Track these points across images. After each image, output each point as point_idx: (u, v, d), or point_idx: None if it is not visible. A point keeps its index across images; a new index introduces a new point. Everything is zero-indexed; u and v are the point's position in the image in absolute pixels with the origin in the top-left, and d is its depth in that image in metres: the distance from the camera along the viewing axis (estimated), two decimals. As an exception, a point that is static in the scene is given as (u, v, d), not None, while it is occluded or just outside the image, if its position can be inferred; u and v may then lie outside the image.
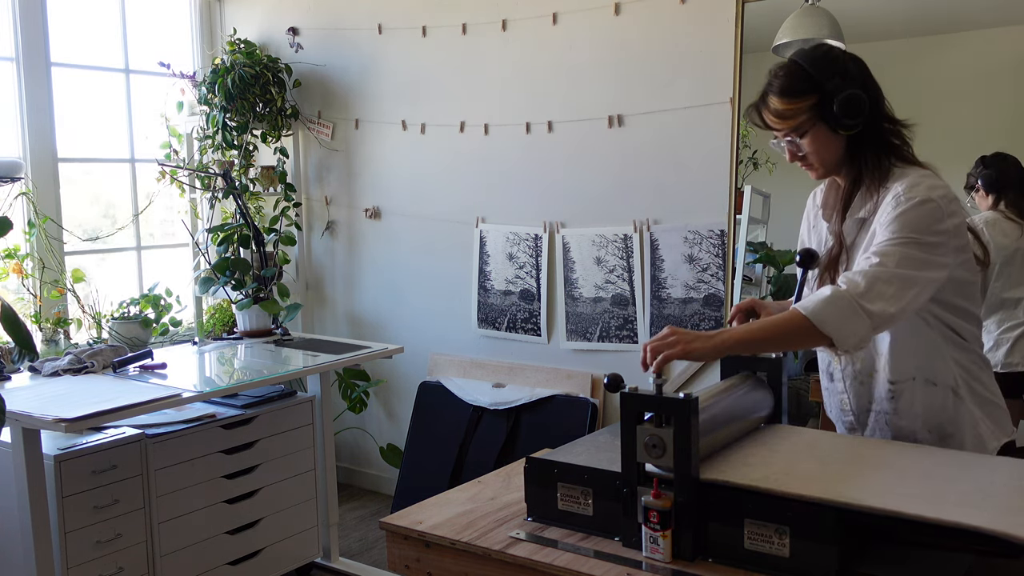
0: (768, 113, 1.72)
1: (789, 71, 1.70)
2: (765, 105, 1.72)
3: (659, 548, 1.37)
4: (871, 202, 1.68)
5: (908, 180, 1.63)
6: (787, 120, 1.69)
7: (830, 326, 1.52)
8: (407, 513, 1.64)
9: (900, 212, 1.59)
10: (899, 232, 1.57)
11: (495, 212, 3.66)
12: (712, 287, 3.15)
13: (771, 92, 1.70)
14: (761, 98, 1.74)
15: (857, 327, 1.53)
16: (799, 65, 1.69)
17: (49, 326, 3.35)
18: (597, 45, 3.30)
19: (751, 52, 2.96)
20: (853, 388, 1.79)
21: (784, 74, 1.70)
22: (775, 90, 1.70)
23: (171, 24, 4.16)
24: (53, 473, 2.43)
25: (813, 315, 1.53)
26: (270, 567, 3.07)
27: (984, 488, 1.35)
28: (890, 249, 1.57)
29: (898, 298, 1.54)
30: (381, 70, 3.89)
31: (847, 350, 1.58)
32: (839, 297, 1.53)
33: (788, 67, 1.71)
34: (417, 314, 3.94)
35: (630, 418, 1.40)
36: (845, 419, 1.83)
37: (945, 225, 1.58)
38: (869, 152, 1.69)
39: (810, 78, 1.67)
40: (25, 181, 3.38)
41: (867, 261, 1.58)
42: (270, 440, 3.04)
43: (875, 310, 1.52)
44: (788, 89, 1.68)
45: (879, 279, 1.54)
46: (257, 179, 4.09)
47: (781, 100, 1.69)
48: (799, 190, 3.19)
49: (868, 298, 1.53)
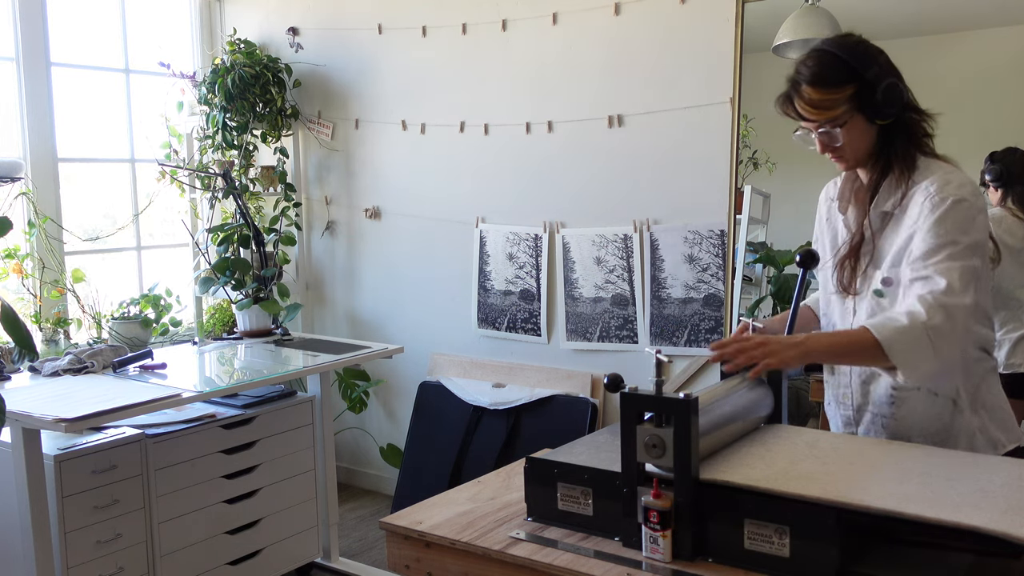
0: (803, 103, 1.64)
1: (824, 60, 1.62)
2: (798, 95, 1.64)
3: (659, 548, 1.37)
4: (896, 195, 1.66)
5: (937, 177, 1.62)
6: (825, 111, 1.62)
7: (899, 356, 1.51)
8: (407, 513, 1.63)
9: (939, 216, 1.57)
10: (944, 238, 1.56)
11: (495, 212, 3.66)
12: (712, 287, 3.14)
13: (805, 82, 1.63)
14: (793, 87, 1.66)
15: (925, 361, 1.52)
16: (833, 54, 1.62)
17: (49, 326, 3.35)
18: (597, 45, 3.30)
19: (751, 52, 2.96)
20: (857, 385, 1.77)
21: (819, 63, 1.62)
22: (810, 79, 1.62)
23: (171, 24, 4.16)
24: (53, 473, 2.43)
25: (884, 342, 1.51)
26: (270, 567, 3.07)
27: (984, 488, 1.35)
28: (947, 266, 1.54)
29: (966, 331, 1.55)
30: (381, 70, 3.89)
31: (910, 381, 1.57)
32: (913, 327, 1.51)
33: (821, 56, 1.63)
34: (417, 314, 3.94)
35: (630, 418, 1.40)
36: (844, 413, 1.82)
37: (979, 222, 1.58)
38: (899, 143, 1.66)
39: (847, 67, 1.60)
40: (25, 181, 3.39)
41: (928, 284, 1.55)
42: (270, 440, 3.04)
43: (946, 351, 1.52)
44: (826, 78, 1.61)
45: (952, 312, 1.52)
46: (257, 179, 4.09)
47: (818, 90, 1.61)
48: (799, 190, 3.20)
49: (940, 334, 1.51)
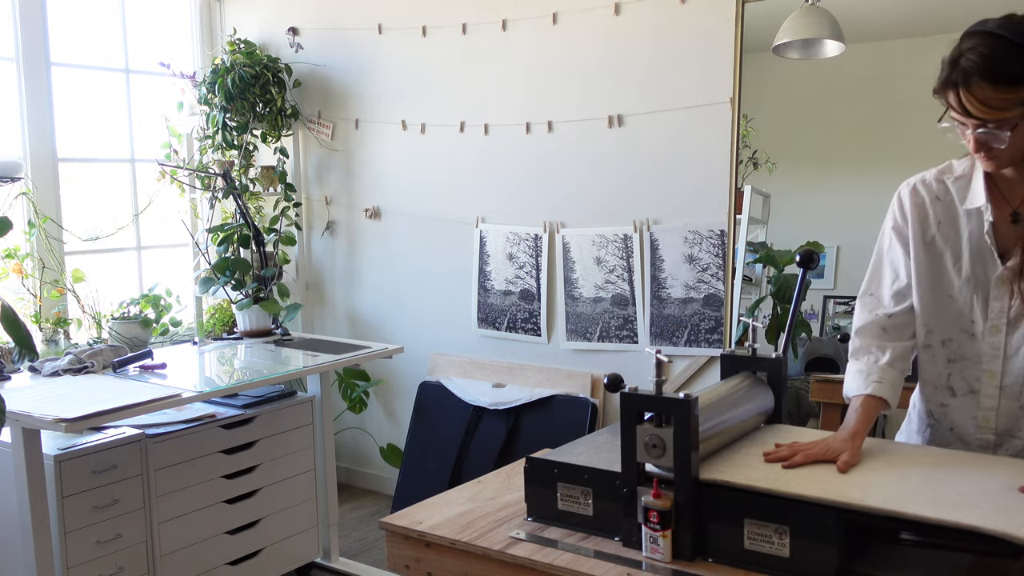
0: (972, 100, 1.42)
1: (1001, 51, 1.40)
2: (968, 89, 1.42)
3: (659, 548, 1.37)
4: None
5: None
6: (997, 111, 1.42)
7: None
8: (407, 513, 1.63)
9: None
10: None
11: (495, 212, 3.66)
12: (712, 287, 3.14)
13: (978, 74, 1.41)
14: (962, 77, 1.43)
15: None
16: (1013, 43, 1.40)
17: (49, 326, 3.35)
18: (597, 45, 3.30)
19: (751, 52, 2.96)
20: (1006, 409, 1.60)
21: (996, 53, 1.40)
22: (984, 73, 1.40)
23: (171, 24, 4.16)
24: (53, 473, 2.43)
25: None
26: (270, 567, 3.07)
27: (984, 488, 1.35)
28: None
29: None
30: (381, 70, 3.89)
31: None
32: None
33: (998, 45, 1.41)
34: (417, 314, 3.94)
35: (630, 418, 1.40)
36: (982, 437, 1.64)
37: None
38: None
39: None
40: (25, 181, 3.38)
41: None
42: (270, 440, 3.04)
43: None
44: (1004, 73, 1.39)
45: None
46: (257, 179, 4.09)
47: (995, 88, 1.40)
48: (799, 190, 3.20)
49: None
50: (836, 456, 1.48)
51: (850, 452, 1.49)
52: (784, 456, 1.49)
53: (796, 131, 3.16)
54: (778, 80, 3.11)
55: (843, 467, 1.45)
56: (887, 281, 1.73)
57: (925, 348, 1.70)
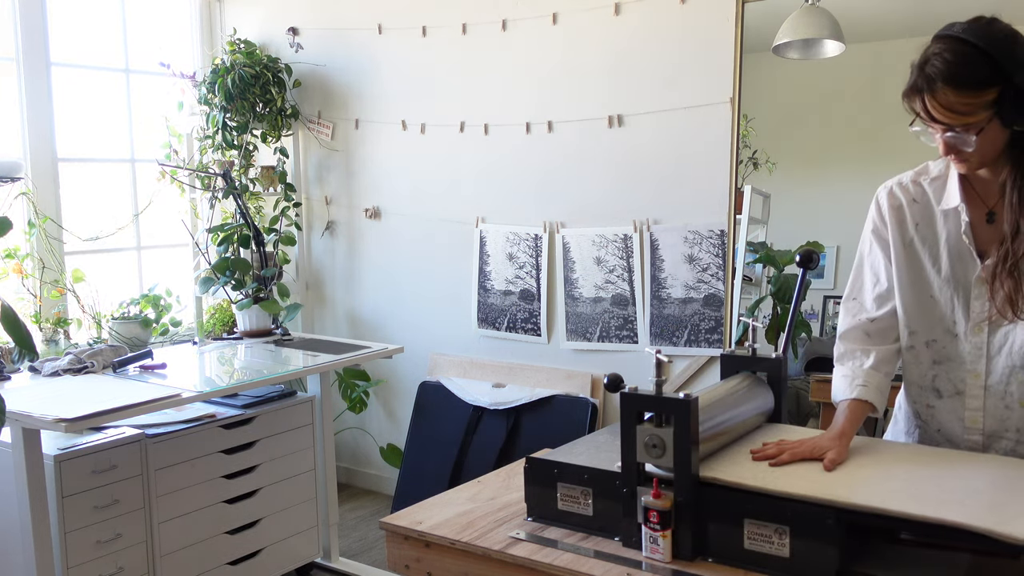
0: (936, 105, 1.43)
1: (965, 56, 1.40)
2: (931, 94, 1.43)
3: (659, 548, 1.37)
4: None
5: None
6: (961, 116, 1.42)
7: None
8: (407, 513, 1.63)
9: None
10: None
11: (495, 212, 3.66)
12: (712, 287, 3.14)
13: (941, 79, 1.41)
14: (926, 82, 1.43)
15: None
16: (977, 48, 1.40)
17: (49, 326, 3.35)
18: (597, 45, 3.30)
19: (751, 52, 2.96)
20: (992, 409, 1.60)
21: (959, 59, 1.40)
22: (948, 79, 1.40)
23: (171, 24, 4.16)
24: (53, 473, 2.43)
25: None
26: (270, 567, 3.07)
27: (970, 485, 1.35)
28: None
29: None
30: (381, 70, 3.89)
31: None
32: None
33: (961, 49, 1.41)
34: (417, 314, 3.94)
35: (630, 418, 1.40)
36: (969, 438, 1.63)
37: None
38: None
39: (993, 66, 1.39)
40: (25, 181, 3.38)
41: None
42: (270, 440, 3.04)
43: None
44: (967, 79, 1.40)
45: None
46: (257, 179, 4.09)
47: (958, 93, 1.40)
48: (799, 190, 3.20)
49: None
50: (823, 454, 1.49)
51: (837, 450, 1.50)
52: (771, 454, 1.50)
53: (796, 131, 3.16)
54: (778, 80, 3.11)
55: (829, 465, 1.46)
56: (868, 285, 1.74)
57: (909, 350, 1.70)
